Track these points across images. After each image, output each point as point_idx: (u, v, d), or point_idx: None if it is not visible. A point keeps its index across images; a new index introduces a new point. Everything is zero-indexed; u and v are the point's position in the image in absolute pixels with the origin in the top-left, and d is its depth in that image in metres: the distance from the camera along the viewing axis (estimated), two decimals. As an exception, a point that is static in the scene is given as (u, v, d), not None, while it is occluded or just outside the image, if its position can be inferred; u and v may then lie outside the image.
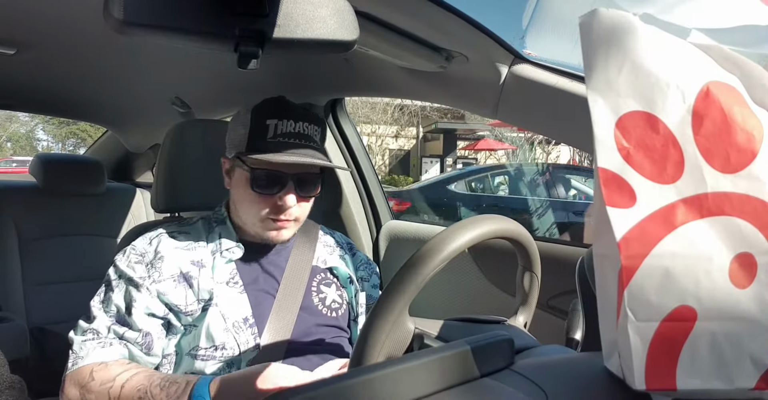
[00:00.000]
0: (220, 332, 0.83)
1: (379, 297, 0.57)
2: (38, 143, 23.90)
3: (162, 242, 0.88)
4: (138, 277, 0.84)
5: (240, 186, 0.88)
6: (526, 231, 0.69)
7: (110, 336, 0.81)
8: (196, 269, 0.86)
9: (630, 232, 0.37)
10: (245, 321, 0.85)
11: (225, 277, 0.87)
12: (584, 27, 0.41)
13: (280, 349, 0.86)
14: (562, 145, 14.74)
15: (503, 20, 0.87)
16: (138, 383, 0.75)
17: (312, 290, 0.94)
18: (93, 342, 0.80)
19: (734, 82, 0.40)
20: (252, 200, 0.86)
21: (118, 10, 0.44)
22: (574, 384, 0.43)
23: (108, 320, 0.82)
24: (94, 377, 0.77)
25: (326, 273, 0.98)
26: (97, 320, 0.82)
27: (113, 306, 0.83)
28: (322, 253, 1.01)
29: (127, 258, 0.87)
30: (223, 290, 0.86)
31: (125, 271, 0.85)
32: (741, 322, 0.37)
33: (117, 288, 0.85)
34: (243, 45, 0.48)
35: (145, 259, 0.86)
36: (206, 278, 0.86)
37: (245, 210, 0.89)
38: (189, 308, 0.84)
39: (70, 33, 1.09)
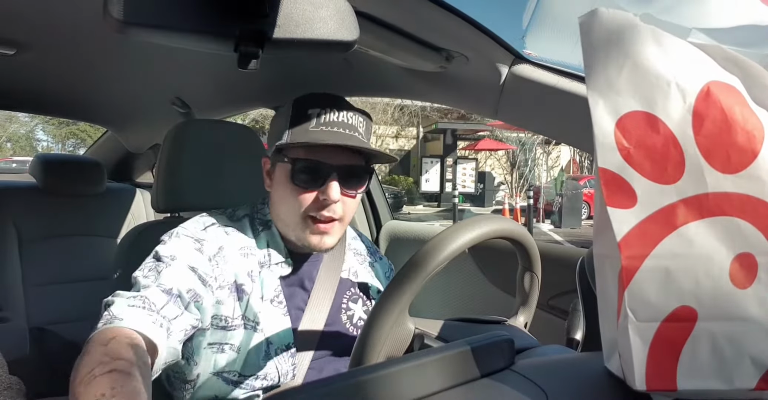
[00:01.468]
0: (263, 359, 0.77)
1: (379, 297, 0.57)
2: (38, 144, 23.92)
3: (219, 235, 0.79)
4: (202, 271, 0.74)
5: (281, 183, 0.80)
6: (527, 231, 0.69)
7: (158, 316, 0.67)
8: (250, 282, 0.79)
9: (630, 232, 0.37)
10: (287, 348, 0.79)
11: (270, 294, 0.80)
12: (584, 27, 0.41)
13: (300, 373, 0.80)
14: (563, 146, 14.75)
15: (503, 20, 0.87)
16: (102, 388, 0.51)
17: (342, 307, 0.87)
18: (142, 311, 0.66)
19: (734, 82, 0.40)
20: (293, 196, 0.78)
21: (117, 10, 0.44)
22: (574, 384, 0.43)
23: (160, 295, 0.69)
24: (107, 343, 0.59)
25: (355, 288, 0.91)
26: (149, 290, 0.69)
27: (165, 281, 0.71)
28: (353, 263, 0.93)
29: (182, 242, 0.76)
30: (268, 309, 0.79)
31: (182, 255, 0.74)
32: (741, 322, 0.37)
33: (170, 267, 0.73)
34: (243, 45, 0.48)
35: (205, 249, 0.77)
36: (256, 296, 0.78)
37: (286, 210, 0.80)
38: (233, 323, 0.77)
39: (69, 33, 1.09)
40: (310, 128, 0.77)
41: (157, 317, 0.67)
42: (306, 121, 0.78)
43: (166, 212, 1.11)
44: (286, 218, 0.81)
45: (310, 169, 0.77)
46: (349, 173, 0.79)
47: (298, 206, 0.79)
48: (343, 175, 0.78)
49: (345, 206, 0.80)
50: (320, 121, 0.77)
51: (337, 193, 0.77)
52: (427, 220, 10.99)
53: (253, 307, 0.78)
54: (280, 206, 0.82)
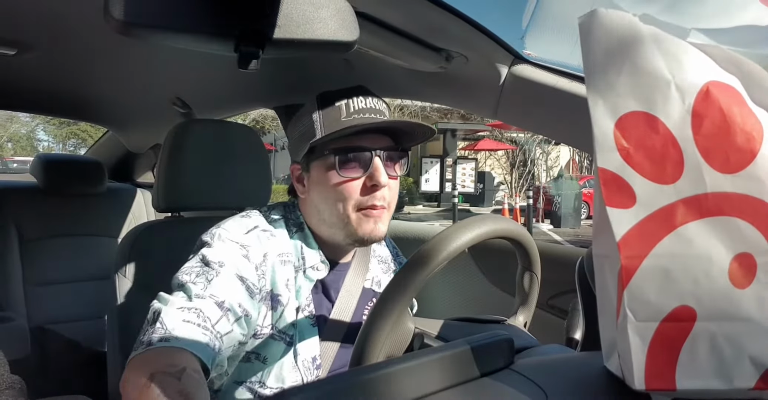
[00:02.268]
0: (289, 370, 0.76)
1: (379, 297, 0.57)
2: (39, 144, 23.92)
3: (263, 241, 0.76)
4: (251, 282, 0.72)
5: (321, 181, 0.77)
6: (526, 231, 0.69)
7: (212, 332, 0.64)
8: (287, 292, 0.77)
9: (630, 232, 0.37)
10: (313, 361, 0.78)
11: (303, 302, 0.79)
12: (584, 27, 0.41)
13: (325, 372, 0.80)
14: (562, 146, 14.74)
15: (503, 21, 0.87)
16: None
17: (363, 318, 0.85)
18: (197, 329, 0.62)
19: (734, 82, 0.40)
20: (340, 190, 0.75)
21: (118, 10, 0.44)
22: (573, 384, 0.43)
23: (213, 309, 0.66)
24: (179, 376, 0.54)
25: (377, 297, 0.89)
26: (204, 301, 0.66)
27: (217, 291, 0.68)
28: (377, 271, 0.91)
29: (228, 247, 0.73)
30: (300, 320, 0.77)
31: (231, 261, 0.71)
32: (740, 322, 0.37)
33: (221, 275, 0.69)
34: (243, 46, 0.48)
35: (252, 257, 0.74)
36: (291, 308, 0.77)
37: (331, 208, 0.77)
38: (261, 332, 0.75)
39: (70, 33, 1.10)
40: (342, 118, 0.76)
41: (211, 336, 0.63)
42: (336, 112, 0.76)
43: (167, 212, 1.11)
44: (331, 218, 0.78)
45: (355, 156, 0.75)
46: (389, 156, 0.78)
47: (345, 198, 0.76)
48: (384, 159, 0.77)
49: (391, 191, 0.79)
50: (350, 110, 0.76)
51: (386, 176, 0.76)
52: (427, 220, 10.99)
53: (286, 318, 0.76)
54: (323, 206, 0.78)
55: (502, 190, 15.42)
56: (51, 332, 1.55)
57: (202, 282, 0.68)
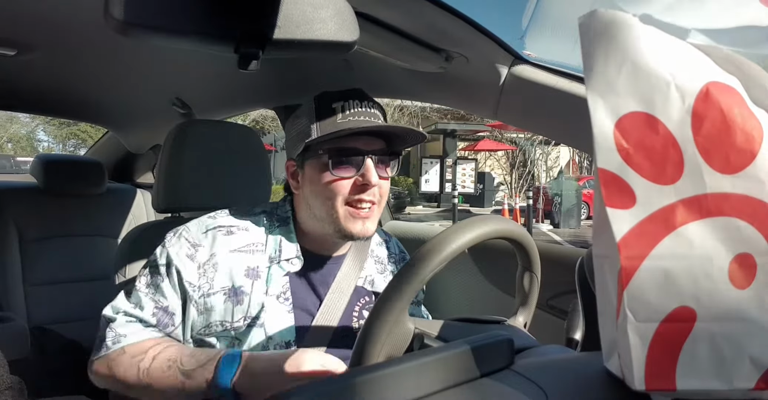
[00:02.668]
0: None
1: (379, 297, 0.57)
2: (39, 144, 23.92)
3: (218, 241, 0.82)
4: (187, 280, 0.79)
5: (314, 179, 0.81)
6: (526, 231, 0.69)
7: (154, 327, 0.79)
8: (250, 282, 0.81)
9: (629, 233, 0.37)
10: (287, 346, 0.81)
11: (277, 290, 0.82)
12: (584, 28, 0.41)
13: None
14: (562, 146, 14.74)
15: (503, 21, 0.87)
16: (169, 355, 0.74)
17: (353, 316, 0.87)
18: (138, 324, 0.79)
19: (734, 82, 0.40)
20: (332, 187, 0.79)
21: (118, 11, 0.44)
22: (573, 384, 0.43)
23: (153, 316, 0.79)
24: (125, 350, 0.76)
25: (370, 296, 0.91)
26: (144, 311, 0.79)
27: (161, 298, 0.80)
28: (372, 271, 0.93)
29: (180, 245, 0.81)
30: (272, 305, 0.81)
31: (175, 262, 0.80)
32: (740, 322, 0.37)
33: (167, 277, 0.80)
34: (243, 46, 0.48)
35: (198, 256, 0.80)
36: (259, 292, 0.81)
37: (322, 203, 0.81)
38: (235, 325, 0.80)
39: (70, 34, 1.10)
40: (338, 120, 0.79)
41: (153, 330, 0.79)
42: (332, 114, 0.80)
43: (167, 212, 1.11)
44: (322, 213, 0.82)
45: (348, 157, 0.79)
46: (381, 158, 0.82)
47: (336, 195, 0.80)
48: (376, 160, 0.81)
49: (381, 190, 0.83)
50: (345, 112, 0.80)
51: (376, 176, 0.80)
52: (427, 220, 10.99)
53: (255, 304, 0.80)
54: (314, 202, 0.82)
55: (502, 190, 15.42)
56: (51, 333, 1.54)
57: (153, 286, 0.80)
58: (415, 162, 15.94)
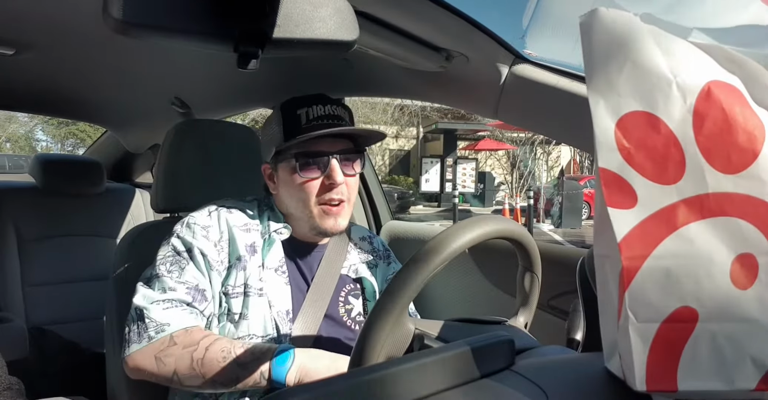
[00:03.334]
0: (268, 322, 0.84)
1: (379, 297, 0.57)
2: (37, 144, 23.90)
3: (222, 218, 0.88)
4: (211, 258, 0.85)
5: (287, 181, 0.89)
6: (527, 231, 0.68)
7: (191, 309, 0.81)
8: (249, 255, 0.87)
9: (631, 233, 0.37)
10: (287, 314, 0.86)
11: (274, 263, 0.89)
12: (585, 27, 0.41)
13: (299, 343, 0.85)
14: (563, 146, 14.76)
15: (503, 20, 0.87)
16: (222, 346, 0.77)
17: (339, 300, 0.93)
18: (177, 309, 0.80)
19: (735, 82, 0.40)
20: (302, 188, 0.87)
21: (117, 10, 0.44)
22: (574, 385, 0.43)
23: (187, 294, 0.82)
24: (176, 341, 0.78)
25: (355, 284, 0.97)
26: (175, 292, 0.81)
27: (190, 278, 0.83)
28: (355, 260, 1.00)
29: (192, 231, 0.86)
30: (271, 276, 0.87)
31: (196, 244, 0.85)
32: (742, 323, 0.37)
33: (192, 260, 0.84)
34: (243, 45, 0.48)
35: (211, 235, 0.86)
36: (255, 265, 0.87)
37: (296, 204, 0.89)
38: (234, 291, 0.85)
39: (69, 33, 1.09)
40: (303, 126, 0.86)
41: (192, 309, 0.81)
42: (297, 120, 0.87)
43: (166, 212, 1.11)
44: (296, 212, 0.90)
45: (314, 160, 0.86)
46: (346, 157, 0.89)
47: (307, 195, 0.87)
48: (341, 159, 0.87)
49: (348, 188, 0.89)
50: (309, 117, 0.87)
51: (341, 175, 0.86)
52: (427, 220, 10.99)
53: (253, 274, 0.86)
54: (290, 202, 0.90)
55: (503, 190, 15.43)
56: (49, 333, 1.54)
57: (176, 271, 0.83)
58: (415, 162, 15.95)
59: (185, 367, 0.76)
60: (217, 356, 0.75)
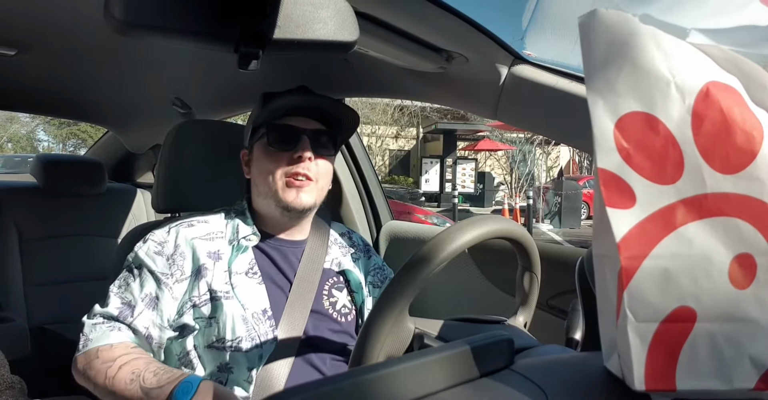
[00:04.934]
0: (240, 324, 0.84)
1: (379, 297, 0.57)
2: (39, 144, 23.89)
3: (180, 233, 0.89)
4: (160, 272, 0.85)
5: (259, 158, 0.91)
6: (526, 231, 0.69)
7: (119, 321, 0.83)
8: (212, 261, 0.87)
9: (629, 233, 0.37)
10: (264, 313, 0.86)
11: (243, 267, 0.89)
12: (584, 27, 0.41)
13: (291, 349, 0.86)
14: (562, 146, 14.74)
15: (503, 21, 0.87)
16: (134, 367, 0.77)
17: (323, 294, 0.94)
18: (103, 326, 0.82)
19: (734, 82, 0.40)
20: (271, 161, 0.88)
21: (118, 11, 0.44)
22: (573, 384, 0.43)
23: (117, 309, 0.84)
24: (98, 355, 0.80)
25: (338, 277, 0.98)
26: (110, 306, 0.84)
27: (129, 294, 0.85)
28: (337, 254, 1.01)
29: (147, 247, 0.88)
30: (242, 280, 0.87)
31: (145, 261, 0.86)
32: (741, 323, 0.37)
33: (137, 277, 0.86)
34: (243, 46, 0.48)
35: (165, 250, 0.87)
36: (220, 270, 0.87)
37: (265, 179, 0.90)
38: (201, 299, 0.85)
39: (70, 34, 1.10)
40: (278, 104, 0.88)
41: (116, 325, 0.83)
42: (276, 102, 0.88)
43: (167, 212, 1.11)
44: (264, 189, 0.90)
45: (285, 133, 0.89)
46: (318, 137, 0.90)
47: (275, 166, 0.88)
48: (314, 138, 0.89)
49: (318, 168, 0.90)
50: (287, 98, 0.89)
51: (309, 152, 0.88)
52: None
53: (218, 280, 0.86)
54: (258, 179, 0.91)
55: (502, 190, 15.42)
56: (51, 333, 1.54)
57: (123, 286, 0.86)
58: (415, 162, 15.94)
59: (100, 382, 0.78)
60: (126, 376, 0.76)
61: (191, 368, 0.86)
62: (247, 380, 0.83)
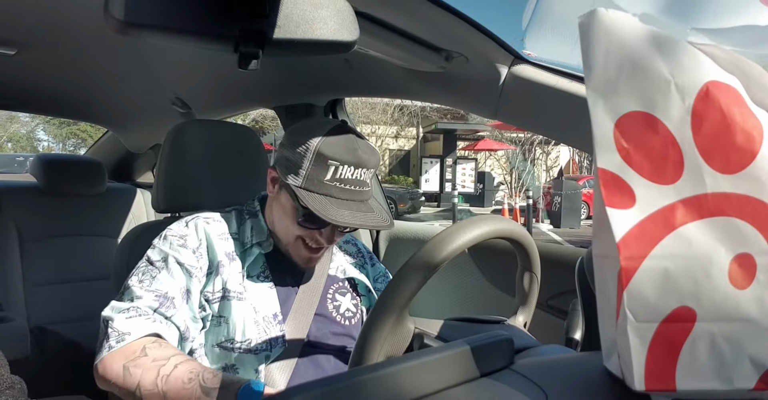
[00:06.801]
0: (251, 326, 0.84)
1: (380, 297, 0.57)
2: (39, 144, 23.89)
3: (199, 227, 0.88)
4: (189, 264, 0.84)
5: (284, 209, 0.87)
6: (526, 231, 0.69)
7: (156, 316, 0.80)
8: (228, 260, 0.87)
9: (629, 233, 0.37)
10: (275, 317, 0.87)
11: (256, 270, 0.89)
12: (584, 27, 0.41)
13: (295, 351, 0.87)
14: (562, 146, 14.74)
15: (503, 21, 0.87)
16: (191, 367, 0.74)
17: (327, 298, 0.95)
18: (140, 319, 0.78)
19: (733, 82, 0.40)
20: (293, 227, 0.87)
21: (118, 10, 0.44)
22: (573, 384, 0.43)
23: (155, 301, 0.80)
24: (147, 352, 0.75)
25: (343, 282, 1.00)
26: (142, 300, 0.80)
27: (160, 286, 0.82)
28: (342, 262, 1.02)
29: (169, 242, 0.86)
30: (254, 283, 0.88)
31: (171, 253, 0.84)
32: (740, 323, 0.37)
33: (164, 269, 0.83)
34: (243, 46, 0.48)
35: (189, 244, 0.86)
36: (235, 271, 0.87)
37: (281, 228, 0.89)
38: (215, 296, 0.85)
39: (70, 33, 1.10)
40: (325, 180, 0.82)
41: (157, 316, 0.80)
42: (324, 171, 0.82)
43: (167, 212, 1.11)
44: (279, 232, 0.91)
45: (315, 221, 0.85)
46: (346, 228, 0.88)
47: (294, 233, 0.88)
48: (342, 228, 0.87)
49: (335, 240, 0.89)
50: (336, 175, 0.82)
51: (332, 239, 0.87)
52: (427, 220, 10.99)
53: (233, 280, 0.86)
54: (277, 222, 0.90)
55: (502, 190, 15.42)
56: (51, 332, 1.54)
57: (148, 280, 0.82)
58: (415, 162, 15.94)
59: (149, 381, 0.73)
60: (184, 375, 0.72)
61: None
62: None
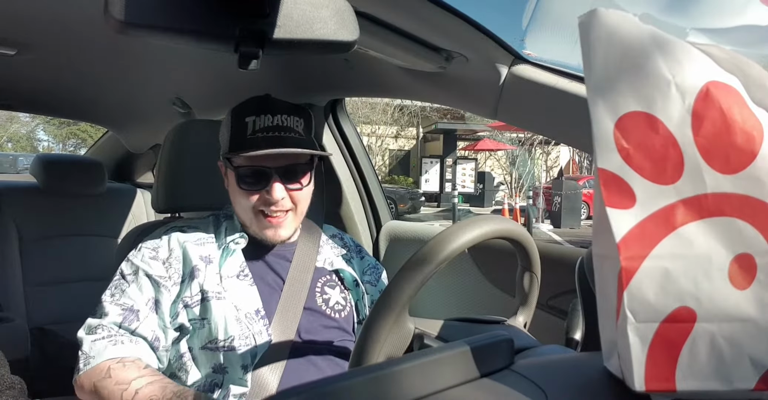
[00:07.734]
0: (233, 324, 0.84)
1: (379, 297, 0.57)
2: (39, 144, 23.90)
3: (172, 237, 0.90)
4: (157, 275, 0.86)
5: (232, 186, 0.90)
6: (526, 231, 0.69)
7: (121, 332, 0.82)
8: (204, 264, 0.88)
9: (629, 233, 0.37)
10: (257, 313, 0.87)
11: (234, 270, 0.89)
12: (584, 27, 0.41)
13: (286, 347, 0.87)
14: (562, 146, 14.74)
15: (503, 21, 0.87)
16: (151, 393, 0.75)
17: (316, 291, 0.95)
18: (104, 341, 0.80)
19: (734, 82, 0.40)
20: (243, 197, 0.88)
21: (118, 10, 0.44)
22: (573, 384, 0.43)
23: (119, 316, 0.82)
24: (110, 374, 0.77)
25: (331, 275, 0.99)
26: (108, 317, 0.82)
27: (127, 299, 0.84)
28: (329, 254, 1.02)
29: (141, 254, 0.88)
30: (233, 282, 0.88)
31: (141, 266, 0.86)
32: (740, 323, 0.37)
33: (133, 282, 0.85)
34: (243, 45, 0.48)
35: (160, 255, 0.88)
36: (212, 273, 0.88)
37: (240, 208, 0.90)
38: (193, 300, 0.86)
39: (70, 33, 1.10)
40: (247, 136, 0.85)
41: (119, 338, 0.81)
42: (243, 129, 0.85)
43: (167, 212, 1.11)
44: (241, 215, 0.91)
45: (253, 174, 0.86)
46: (289, 172, 0.87)
47: (247, 204, 0.87)
48: (284, 175, 0.86)
49: (294, 199, 0.89)
50: (255, 127, 0.85)
51: (280, 193, 0.86)
52: (427, 220, 10.99)
53: (210, 281, 0.86)
54: (236, 205, 0.92)
55: (502, 190, 15.42)
56: (51, 333, 1.54)
57: (118, 293, 0.85)
58: (415, 162, 15.95)
59: None
60: None
61: (186, 371, 0.86)
62: (242, 379, 0.83)
